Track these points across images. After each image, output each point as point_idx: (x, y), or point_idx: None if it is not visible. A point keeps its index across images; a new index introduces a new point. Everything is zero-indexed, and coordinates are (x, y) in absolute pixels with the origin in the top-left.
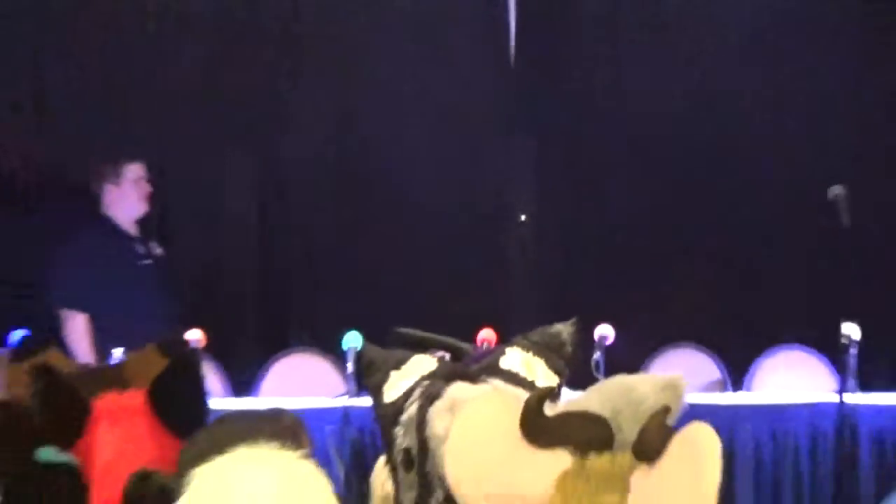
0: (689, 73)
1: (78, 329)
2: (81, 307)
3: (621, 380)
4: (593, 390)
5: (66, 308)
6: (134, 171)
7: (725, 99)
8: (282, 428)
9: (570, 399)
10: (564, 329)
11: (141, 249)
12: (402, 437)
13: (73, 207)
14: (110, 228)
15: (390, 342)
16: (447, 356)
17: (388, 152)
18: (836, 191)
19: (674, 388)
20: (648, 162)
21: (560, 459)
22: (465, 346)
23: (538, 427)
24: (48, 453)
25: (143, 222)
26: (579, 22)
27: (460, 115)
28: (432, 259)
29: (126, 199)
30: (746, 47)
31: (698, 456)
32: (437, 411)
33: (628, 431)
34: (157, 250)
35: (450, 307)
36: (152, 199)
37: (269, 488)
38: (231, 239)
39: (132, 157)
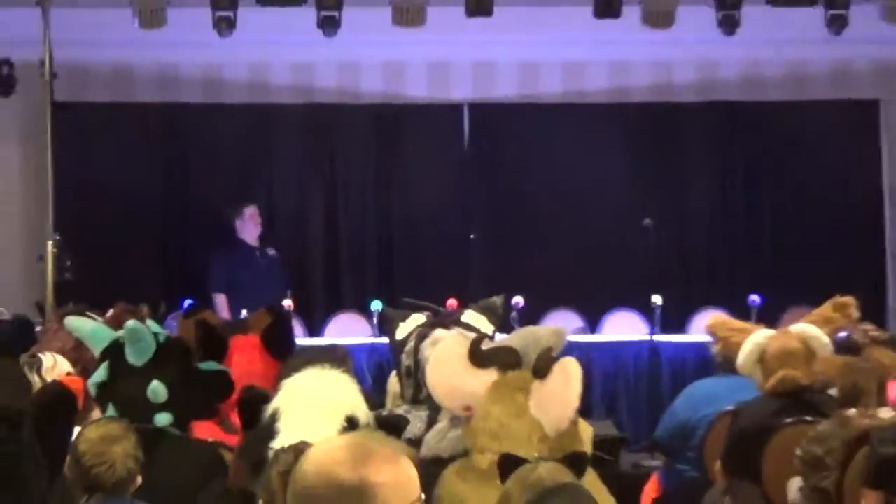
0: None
1: (221, 303)
2: (223, 291)
3: (529, 329)
4: (513, 335)
5: (215, 292)
6: (250, 211)
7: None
8: (335, 356)
9: (500, 339)
10: (497, 300)
11: (259, 254)
12: (406, 359)
13: (222, 235)
14: (240, 245)
15: (401, 306)
16: (431, 314)
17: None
18: (647, 221)
19: (559, 333)
20: (553, 208)
21: (491, 374)
22: (440, 308)
23: (479, 355)
24: (208, 364)
25: (261, 239)
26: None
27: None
28: (423, 258)
29: (246, 227)
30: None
31: (569, 374)
32: (426, 345)
33: (532, 359)
34: (272, 252)
35: (432, 286)
36: (263, 225)
37: (325, 391)
38: (307, 251)
39: (249, 203)
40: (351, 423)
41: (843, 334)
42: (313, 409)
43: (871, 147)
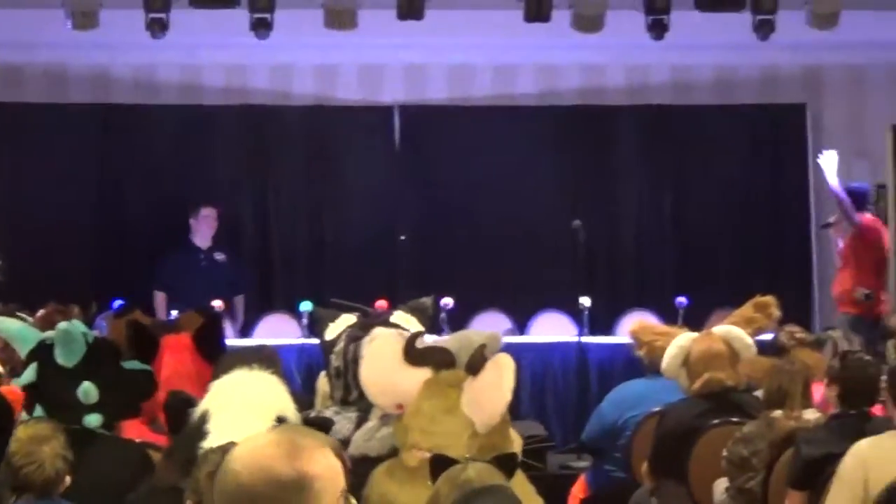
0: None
1: (160, 301)
2: (163, 289)
3: (465, 332)
4: (449, 337)
5: (155, 289)
6: (205, 212)
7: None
8: (264, 356)
9: (436, 340)
10: (427, 300)
11: (204, 257)
12: (335, 360)
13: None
14: (188, 245)
15: (330, 307)
16: (360, 315)
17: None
18: (576, 223)
19: (495, 338)
20: (483, 210)
21: (424, 373)
22: (370, 309)
23: (413, 354)
24: (132, 364)
25: (214, 241)
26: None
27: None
28: (353, 259)
29: (200, 228)
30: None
31: (502, 372)
32: (365, 342)
33: (466, 359)
34: (219, 256)
35: (361, 287)
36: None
37: (254, 392)
38: (238, 252)
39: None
40: (280, 423)
41: (769, 336)
42: (243, 410)
43: (799, 151)
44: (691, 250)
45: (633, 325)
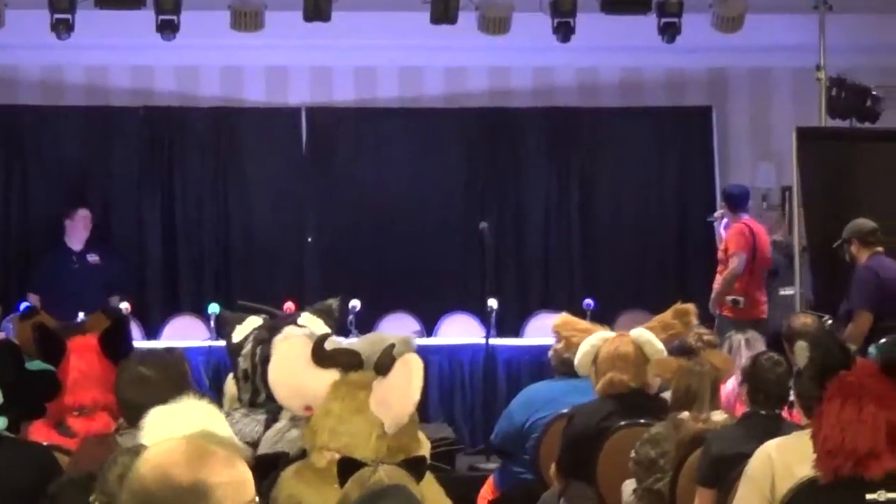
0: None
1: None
2: (37, 292)
3: (377, 334)
4: (361, 339)
5: (30, 292)
6: (81, 213)
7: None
8: (165, 362)
9: (346, 342)
10: (334, 302)
11: (76, 259)
12: (243, 362)
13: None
14: (62, 247)
15: (237, 309)
16: (267, 317)
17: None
18: (484, 225)
19: (407, 341)
20: (390, 212)
21: (333, 374)
22: (277, 311)
23: (321, 356)
24: (34, 364)
25: (87, 244)
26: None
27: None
28: (260, 261)
29: (75, 229)
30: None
31: (410, 372)
32: (276, 341)
33: (374, 360)
34: (92, 258)
35: (269, 289)
36: (98, 228)
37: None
38: (144, 254)
39: (83, 206)
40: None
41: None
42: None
43: (704, 153)
44: (598, 252)
45: (557, 320)
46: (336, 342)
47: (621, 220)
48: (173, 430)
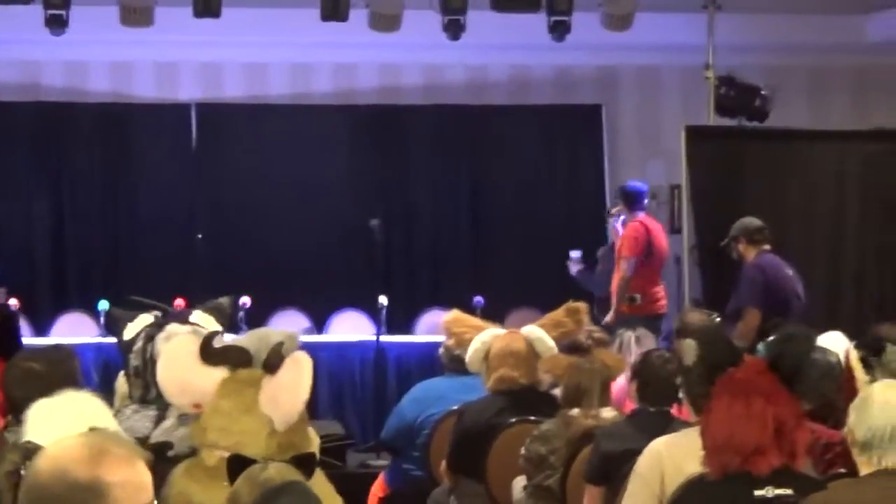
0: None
1: None
2: None
3: (262, 330)
4: (245, 335)
5: None
6: None
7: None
8: (53, 358)
9: (231, 339)
10: (225, 300)
11: None
12: (134, 359)
13: None
14: None
15: (129, 305)
16: (159, 314)
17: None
18: (374, 222)
19: (291, 336)
20: (280, 209)
21: (222, 372)
22: (170, 308)
23: (210, 353)
24: None
25: None
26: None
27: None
28: (149, 257)
29: None
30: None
31: (300, 370)
32: (159, 339)
33: (263, 358)
34: None
35: (158, 286)
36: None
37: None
38: (33, 250)
39: None
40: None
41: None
42: (59, 425)
43: (594, 151)
44: (488, 250)
45: (447, 316)
46: (223, 340)
47: (511, 219)
48: (57, 423)
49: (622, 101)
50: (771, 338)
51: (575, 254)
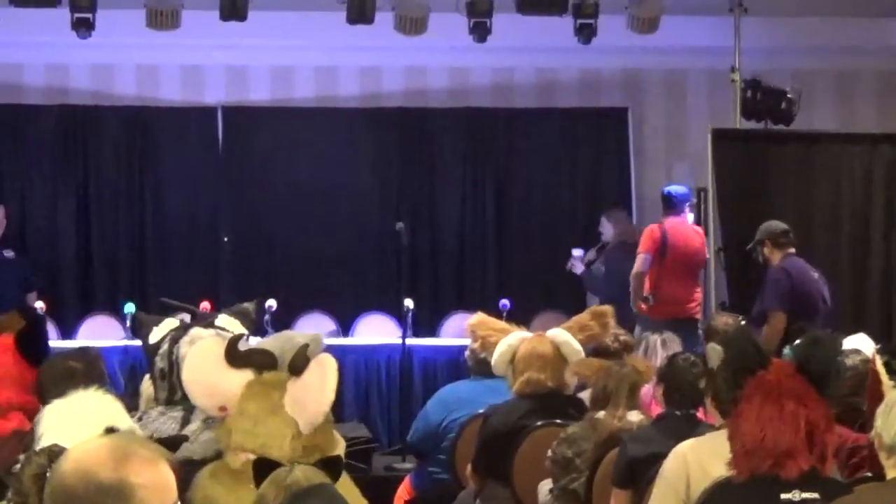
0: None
1: None
2: None
3: (287, 333)
4: (270, 338)
5: None
6: None
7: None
8: (87, 358)
9: (256, 342)
10: (250, 305)
11: None
12: (160, 362)
13: None
14: None
15: (159, 307)
16: (188, 317)
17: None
18: (399, 225)
19: (316, 338)
20: (305, 212)
21: (247, 375)
22: (198, 310)
23: (235, 355)
24: None
25: (3, 240)
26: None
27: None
28: (176, 260)
29: None
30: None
31: (324, 372)
32: (183, 343)
33: (288, 360)
34: (9, 254)
35: (184, 289)
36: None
37: (87, 409)
38: (59, 252)
39: None
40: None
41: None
42: (74, 424)
43: (620, 154)
44: (514, 253)
45: (472, 319)
46: (248, 343)
47: (536, 221)
48: (73, 424)
49: (648, 103)
50: (797, 341)
51: (577, 252)
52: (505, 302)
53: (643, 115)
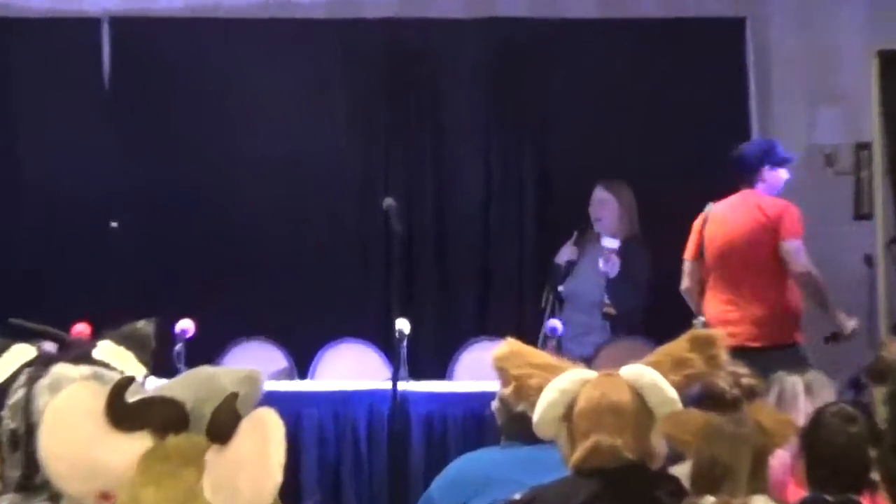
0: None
1: None
2: None
3: (204, 370)
4: (178, 379)
5: None
6: None
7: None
8: None
9: (157, 386)
10: (147, 326)
11: None
12: (10, 419)
13: None
14: None
15: (4, 328)
16: (52, 345)
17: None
18: (388, 202)
19: (251, 379)
20: (229, 175)
21: (142, 441)
22: (65, 335)
23: (120, 412)
24: None
25: None
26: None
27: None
28: (43, 259)
29: None
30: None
31: (265, 436)
32: (39, 389)
33: (207, 415)
34: None
35: (52, 301)
36: None
37: None
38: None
39: None
40: None
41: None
42: None
43: (733, 91)
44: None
45: (500, 350)
46: (143, 389)
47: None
48: None
49: (777, 12)
50: None
51: (612, 243)
52: (554, 324)
53: (768, 29)
